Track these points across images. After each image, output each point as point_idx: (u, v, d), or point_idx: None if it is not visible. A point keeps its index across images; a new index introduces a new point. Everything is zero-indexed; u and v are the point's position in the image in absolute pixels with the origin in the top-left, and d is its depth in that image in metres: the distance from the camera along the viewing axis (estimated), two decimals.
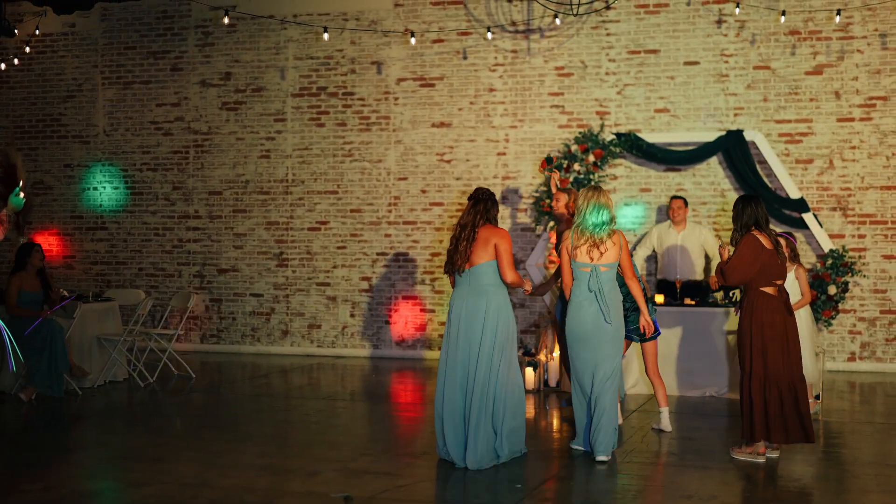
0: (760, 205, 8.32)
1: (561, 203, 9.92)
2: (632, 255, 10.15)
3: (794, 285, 9.87)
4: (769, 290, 8.19)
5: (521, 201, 13.99)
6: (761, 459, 8.16)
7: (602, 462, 8.02)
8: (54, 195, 15.86)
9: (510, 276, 8.00)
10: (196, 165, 15.22)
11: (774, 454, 8.31)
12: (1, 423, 10.03)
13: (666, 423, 9.31)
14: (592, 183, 12.58)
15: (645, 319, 8.72)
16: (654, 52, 13.58)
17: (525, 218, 13.91)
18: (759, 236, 8.22)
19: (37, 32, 15.49)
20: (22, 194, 8.42)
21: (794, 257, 9.92)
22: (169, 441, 9.13)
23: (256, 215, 15.01)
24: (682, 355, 11.29)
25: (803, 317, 9.89)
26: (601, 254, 8.24)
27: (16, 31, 15.13)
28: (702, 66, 13.42)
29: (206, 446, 8.72)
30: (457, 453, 7.91)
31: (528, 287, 8.32)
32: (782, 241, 9.81)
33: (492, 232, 8.06)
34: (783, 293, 8.25)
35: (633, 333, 9.40)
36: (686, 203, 12.52)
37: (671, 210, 12.44)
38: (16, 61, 15.65)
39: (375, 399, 11.43)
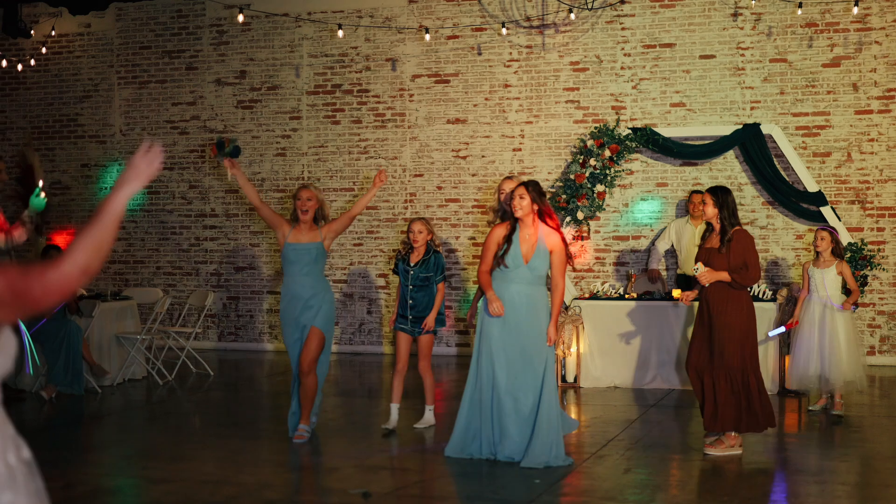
0: None
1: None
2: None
3: (837, 281, 9.74)
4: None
5: None
6: (739, 451, 8.18)
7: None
8: (72, 195, 15.92)
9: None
10: (212, 164, 15.24)
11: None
12: (21, 421, 10.07)
13: (430, 418, 9.34)
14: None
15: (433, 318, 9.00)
16: (670, 45, 13.54)
17: None
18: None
19: (53, 33, 15.55)
20: (43, 194, 8.45)
21: (837, 252, 9.76)
22: (188, 438, 9.15)
23: None
24: None
25: (846, 315, 9.82)
26: None
27: (32, 31, 15.18)
28: (718, 60, 13.38)
29: (225, 443, 8.74)
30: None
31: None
32: (826, 235, 9.72)
33: None
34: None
35: (418, 327, 9.16)
36: None
37: (692, 205, 12.43)
38: (32, 62, 15.71)
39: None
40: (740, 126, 13.02)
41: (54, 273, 3.04)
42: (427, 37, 14.05)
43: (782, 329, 10.17)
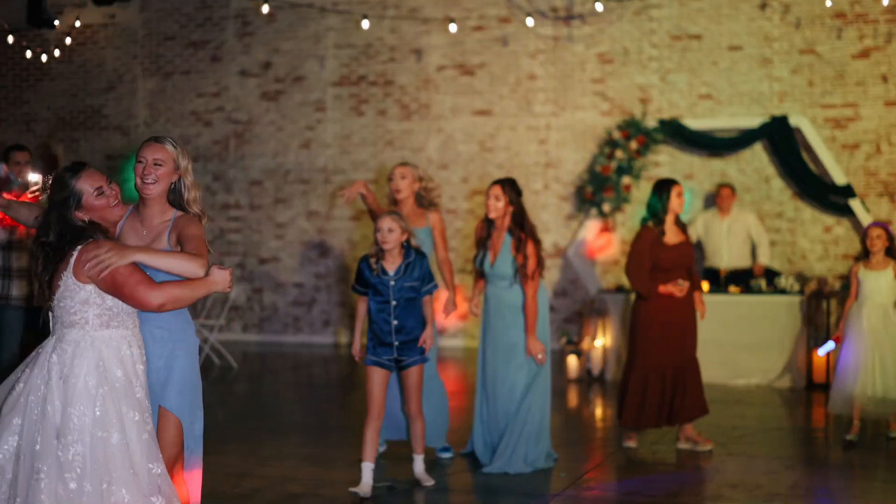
0: None
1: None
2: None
3: (893, 285, 8.34)
4: None
5: (563, 189, 13.88)
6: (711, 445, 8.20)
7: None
8: None
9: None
10: (236, 155, 15.22)
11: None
12: None
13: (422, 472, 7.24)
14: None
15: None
16: (697, 37, 13.42)
17: (568, 206, 13.81)
18: None
19: (77, 24, 15.54)
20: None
21: (892, 252, 8.36)
22: (211, 431, 9.07)
23: (297, 205, 14.99)
24: (728, 344, 11.15)
25: None
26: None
27: (56, 22, 15.19)
28: (745, 51, 13.25)
29: (249, 436, 8.71)
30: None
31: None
32: (881, 233, 8.40)
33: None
34: None
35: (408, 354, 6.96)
36: (734, 191, 12.44)
37: (720, 198, 12.35)
38: (56, 52, 15.70)
39: None
40: (768, 118, 12.90)
41: (143, 292, 4.40)
42: (452, 28, 13.96)
43: (832, 345, 8.88)
